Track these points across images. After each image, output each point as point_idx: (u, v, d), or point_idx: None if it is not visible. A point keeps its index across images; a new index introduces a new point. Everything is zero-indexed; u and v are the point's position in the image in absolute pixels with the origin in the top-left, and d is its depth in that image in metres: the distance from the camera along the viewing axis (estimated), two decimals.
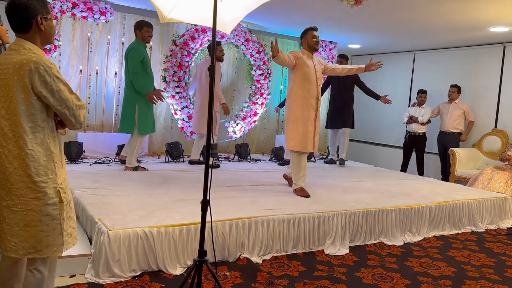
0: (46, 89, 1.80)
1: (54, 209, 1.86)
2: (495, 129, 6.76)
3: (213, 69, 2.25)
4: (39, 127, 1.84)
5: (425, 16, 5.41)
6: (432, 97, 7.25)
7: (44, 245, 1.85)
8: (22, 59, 1.79)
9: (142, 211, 3.37)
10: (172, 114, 6.49)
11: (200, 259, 2.27)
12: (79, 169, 5.02)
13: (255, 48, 6.95)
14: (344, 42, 7.84)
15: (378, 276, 3.18)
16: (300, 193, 4.29)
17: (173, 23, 6.50)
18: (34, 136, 1.83)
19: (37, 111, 1.83)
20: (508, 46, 6.69)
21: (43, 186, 1.83)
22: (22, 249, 1.82)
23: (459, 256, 3.75)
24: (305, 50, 4.43)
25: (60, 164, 1.93)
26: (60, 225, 1.88)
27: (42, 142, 1.85)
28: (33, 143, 1.82)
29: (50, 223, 1.85)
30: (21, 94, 1.79)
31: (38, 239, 1.84)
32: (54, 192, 1.86)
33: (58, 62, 5.69)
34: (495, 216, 4.88)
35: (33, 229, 1.82)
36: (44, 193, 1.83)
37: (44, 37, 1.92)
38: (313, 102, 4.32)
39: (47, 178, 1.85)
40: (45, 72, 1.79)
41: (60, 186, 1.89)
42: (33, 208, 1.82)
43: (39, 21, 1.87)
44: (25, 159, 1.80)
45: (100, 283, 2.74)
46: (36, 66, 1.78)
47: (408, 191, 4.90)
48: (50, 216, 1.85)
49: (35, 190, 1.82)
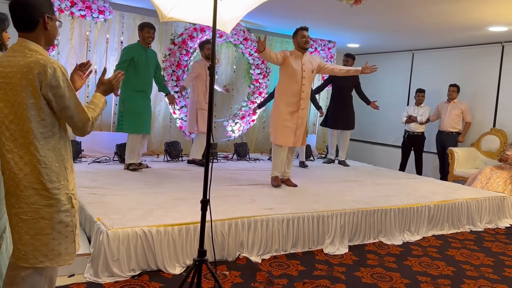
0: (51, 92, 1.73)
1: (67, 215, 1.81)
2: (493, 128, 6.77)
3: (213, 68, 2.24)
4: (50, 132, 1.78)
5: (424, 15, 5.42)
6: (431, 96, 7.26)
7: (56, 254, 1.80)
8: (29, 61, 1.72)
9: (141, 210, 3.36)
10: (170, 113, 6.48)
11: (200, 259, 2.27)
12: (77, 168, 4.97)
13: (253, 47, 6.94)
14: (343, 41, 7.84)
15: (377, 275, 3.18)
16: (274, 182, 4.63)
17: (172, 22, 6.49)
18: (46, 142, 1.77)
19: (47, 116, 1.76)
20: (506, 46, 6.69)
21: (56, 193, 1.78)
22: (33, 258, 1.77)
23: (458, 255, 3.76)
24: (295, 50, 4.61)
25: (70, 169, 1.88)
26: (73, 232, 1.84)
27: (54, 147, 1.79)
28: (45, 149, 1.76)
29: (63, 231, 1.81)
30: (31, 99, 1.72)
31: (50, 248, 1.78)
32: (67, 199, 1.82)
33: (57, 60, 5.67)
34: (493, 215, 4.88)
35: (44, 237, 1.77)
36: (57, 200, 1.78)
37: (48, 37, 1.85)
38: (294, 100, 4.54)
39: (60, 184, 1.80)
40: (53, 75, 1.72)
41: (71, 192, 1.85)
42: (45, 216, 1.76)
43: (46, 20, 1.80)
44: (37, 166, 1.74)
45: (99, 283, 2.74)
46: (44, 70, 1.71)
47: (407, 191, 4.90)
48: (63, 223, 1.80)
49: (48, 197, 1.76)
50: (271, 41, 7.48)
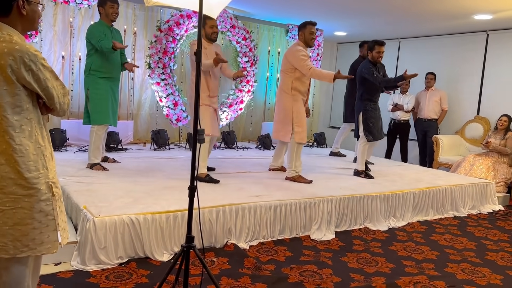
0: (33, 78, 1.69)
1: (47, 204, 1.78)
2: (477, 116, 6.87)
3: (199, 53, 2.22)
4: (26, 119, 1.72)
5: (411, 3, 5.43)
6: (417, 84, 7.31)
7: (37, 243, 1.77)
8: (2, 47, 1.65)
9: (128, 198, 3.35)
10: (157, 101, 6.42)
11: (188, 245, 2.27)
12: (63, 157, 4.95)
13: (241, 35, 6.90)
14: (330, 29, 7.84)
15: (363, 260, 3.23)
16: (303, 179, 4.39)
17: (158, 8, 6.40)
18: (22, 130, 1.71)
19: (23, 102, 1.70)
20: (491, 34, 6.77)
21: (35, 182, 1.74)
22: (13, 248, 1.73)
23: (442, 240, 3.83)
24: (302, 44, 4.41)
25: (50, 157, 1.84)
26: (54, 221, 1.80)
27: (30, 135, 1.74)
28: (20, 137, 1.71)
29: (43, 220, 1.77)
30: (4, 86, 1.65)
31: (31, 237, 1.75)
32: (47, 188, 1.78)
33: (40, 47, 5.57)
34: (476, 201, 4.99)
35: (24, 227, 1.73)
36: (36, 190, 1.74)
37: (26, 22, 1.78)
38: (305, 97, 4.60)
39: (39, 173, 1.75)
40: (31, 61, 1.67)
41: (52, 180, 1.81)
42: (24, 206, 1.72)
43: (21, 4, 1.73)
44: (13, 155, 1.69)
45: (86, 271, 2.73)
46: (20, 55, 1.65)
47: (393, 177, 4.97)
48: (44, 212, 1.77)
49: (26, 187, 1.72)
50: (258, 28, 7.44)
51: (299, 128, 4.39)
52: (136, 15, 6.22)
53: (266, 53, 7.58)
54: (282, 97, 4.48)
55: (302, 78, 4.41)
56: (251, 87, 7.19)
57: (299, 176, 4.42)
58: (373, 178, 4.79)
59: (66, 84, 5.75)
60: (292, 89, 4.41)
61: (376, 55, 4.87)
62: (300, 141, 4.40)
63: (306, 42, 4.41)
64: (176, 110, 6.38)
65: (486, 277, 3.06)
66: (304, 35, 4.40)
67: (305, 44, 4.42)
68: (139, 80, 6.43)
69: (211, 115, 4.31)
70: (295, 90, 4.42)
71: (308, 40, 4.40)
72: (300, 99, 4.46)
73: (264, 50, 7.56)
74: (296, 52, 4.32)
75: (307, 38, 4.40)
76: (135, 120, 6.45)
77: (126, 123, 6.20)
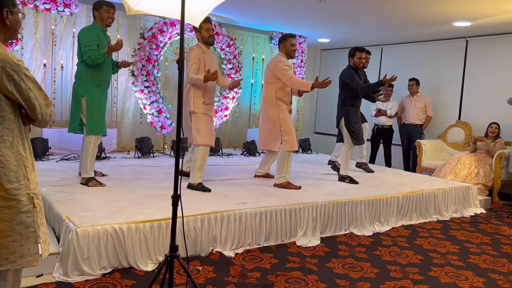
0: (15, 88, 1.66)
1: (28, 216, 1.75)
2: (459, 121, 7.00)
3: (181, 62, 2.22)
4: (7, 130, 1.70)
5: (392, 10, 5.52)
6: (399, 90, 7.42)
7: (17, 256, 1.73)
8: None
9: (111, 207, 3.31)
10: (141, 108, 6.38)
11: (172, 254, 2.25)
12: (45, 166, 4.88)
13: (225, 42, 6.91)
14: (314, 36, 7.91)
15: (348, 266, 3.25)
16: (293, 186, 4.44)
17: (141, 16, 6.38)
18: (3, 140, 1.69)
19: (5, 112, 1.68)
20: (470, 41, 6.91)
21: (16, 193, 1.71)
22: None
23: (425, 244, 3.87)
24: (284, 55, 4.52)
25: (31, 168, 1.81)
26: (35, 233, 1.77)
27: (12, 145, 1.71)
28: (1, 147, 1.68)
29: (23, 232, 1.74)
30: None
31: (11, 250, 1.71)
32: (28, 199, 1.75)
33: (21, 55, 5.49)
34: (459, 204, 5.06)
35: (4, 240, 1.70)
36: (17, 201, 1.71)
37: (8, 32, 1.77)
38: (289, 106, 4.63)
39: (20, 184, 1.73)
40: (13, 71, 1.65)
41: (33, 191, 1.78)
42: (4, 218, 1.69)
43: (5, 14, 1.72)
44: None
45: (69, 282, 2.68)
46: (3, 65, 1.63)
47: (377, 182, 5.01)
48: (24, 224, 1.74)
49: (7, 198, 1.69)
50: (242, 35, 7.46)
51: (288, 136, 4.43)
52: (119, 22, 6.19)
53: (250, 60, 7.61)
54: (267, 107, 4.52)
55: (285, 88, 4.49)
56: (236, 93, 7.20)
57: (288, 183, 4.44)
58: (357, 183, 4.83)
59: (48, 92, 5.67)
60: (276, 99, 4.47)
61: (357, 61, 4.99)
62: (290, 149, 4.44)
63: (288, 53, 4.52)
64: (160, 118, 6.35)
65: (469, 280, 3.10)
66: (285, 47, 4.51)
67: (287, 55, 4.52)
68: (122, 88, 6.37)
69: (210, 124, 4.25)
70: (279, 100, 4.48)
71: (290, 51, 4.51)
72: (285, 107, 4.51)
73: (248, 57, 7.59)
74: (279, 62, 4.43)
75: (288, 50, 4.50)
76: (119, 128, 6.39)
77: (110, 131, 6.10)
